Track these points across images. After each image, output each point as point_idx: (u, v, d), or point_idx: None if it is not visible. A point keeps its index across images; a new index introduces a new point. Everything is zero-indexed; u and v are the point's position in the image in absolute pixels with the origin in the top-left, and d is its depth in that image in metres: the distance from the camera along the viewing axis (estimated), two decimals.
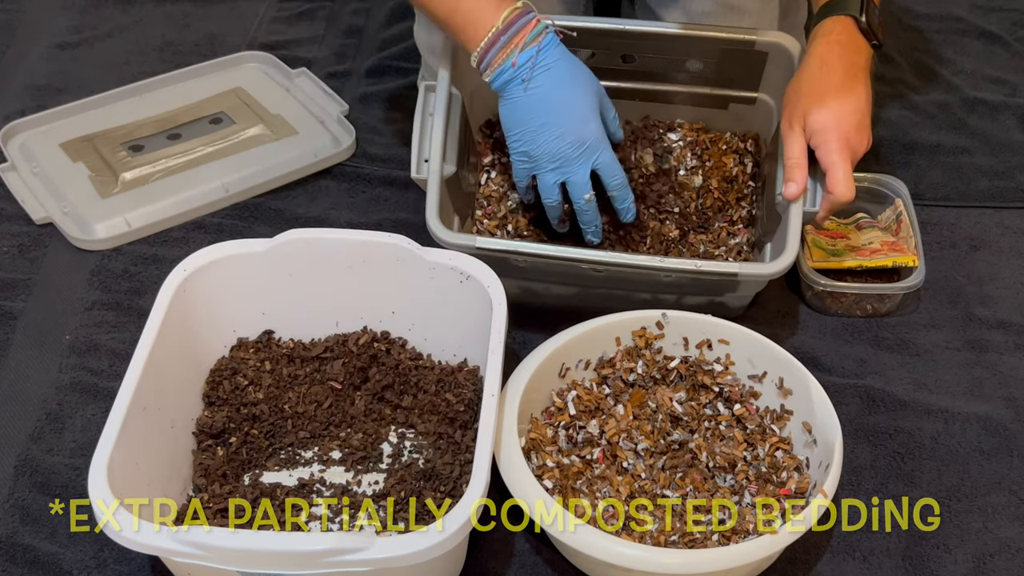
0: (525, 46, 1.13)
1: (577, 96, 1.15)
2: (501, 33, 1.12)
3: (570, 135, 1.14)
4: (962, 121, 1.61)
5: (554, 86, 1.14)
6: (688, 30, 1.31)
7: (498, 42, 1.13)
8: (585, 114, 1.15)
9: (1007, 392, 1.24)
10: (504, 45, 1.13)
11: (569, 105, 1.15)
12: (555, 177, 1.17)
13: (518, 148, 1.18)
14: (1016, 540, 1.10)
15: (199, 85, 1.63)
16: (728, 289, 1.22)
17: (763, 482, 1.09)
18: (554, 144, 1.15)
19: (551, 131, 1.14)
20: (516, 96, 1.15)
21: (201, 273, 1.13)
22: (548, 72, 1.14)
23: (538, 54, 1.13)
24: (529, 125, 1.15)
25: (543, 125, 1.14)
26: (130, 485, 0.97)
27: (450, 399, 1.16)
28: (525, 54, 1.13)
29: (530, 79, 1.13)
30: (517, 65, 1.13)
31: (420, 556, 0.90)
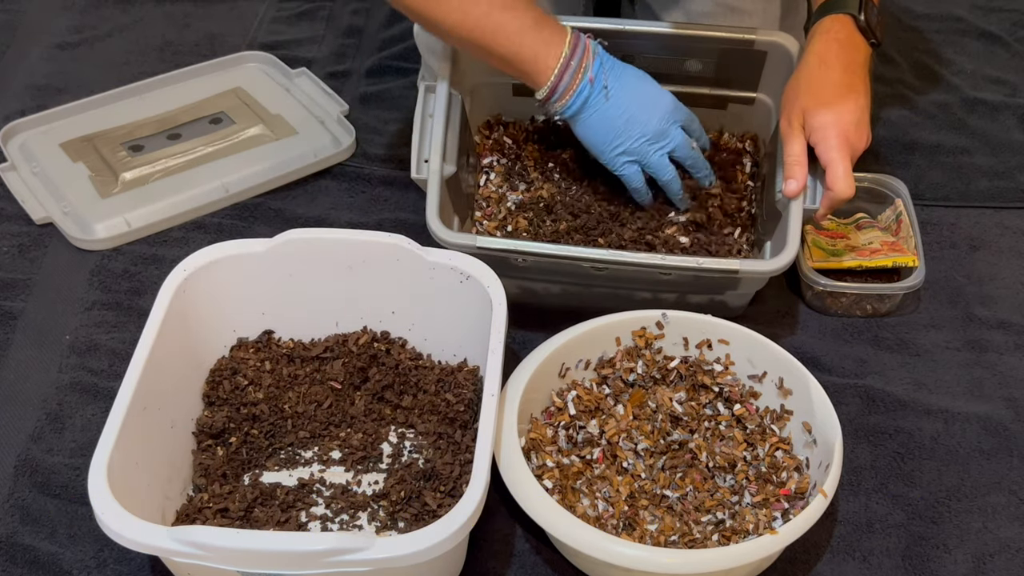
0: (594, 57, 1.18)
1: (640, 77, 1.22)
2: (570, 58, 1.16)
3: (656, 112, 1.20)
4: (962, 121, 1.61)
5: (623, 80, 1.20)
6: (688, 29, 1.32)
7: (569, 67, 1.16)
8: (654, 87, 1.22)
9: (1007, 392, 1.24)
10: (577, 67, 1.17)
11: (642, 88, 1.21)
12: (661, 152, 1.22)
13: (618, 153, 1.22)
14: (1016, 540, 1.10)
15: (199, 85, 1.63)
16: (729, 287, 1.22)
17: (763, 482, 1.09)
18: (648, 127, 1.20)
19: (640, 119, 1.20)
20: (599, 107, 1.19)
21: (201, 273, 1.13)
22: (614, 71, 1.20)
23: (602, 63, 1.19)
24: (618, 126, 1.20)
25: (631, 118, 1.19)
26: (130, 485, 0.97)
27: (450, 399, 1.16)
28: (596, 63, 1.18)
29: (608, 84, 1.18)
30: (594, 80, 1.18)
31: (420, 556, 0.90)
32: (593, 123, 1.20)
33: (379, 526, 1.07)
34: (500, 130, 1.42)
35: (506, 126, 1.42)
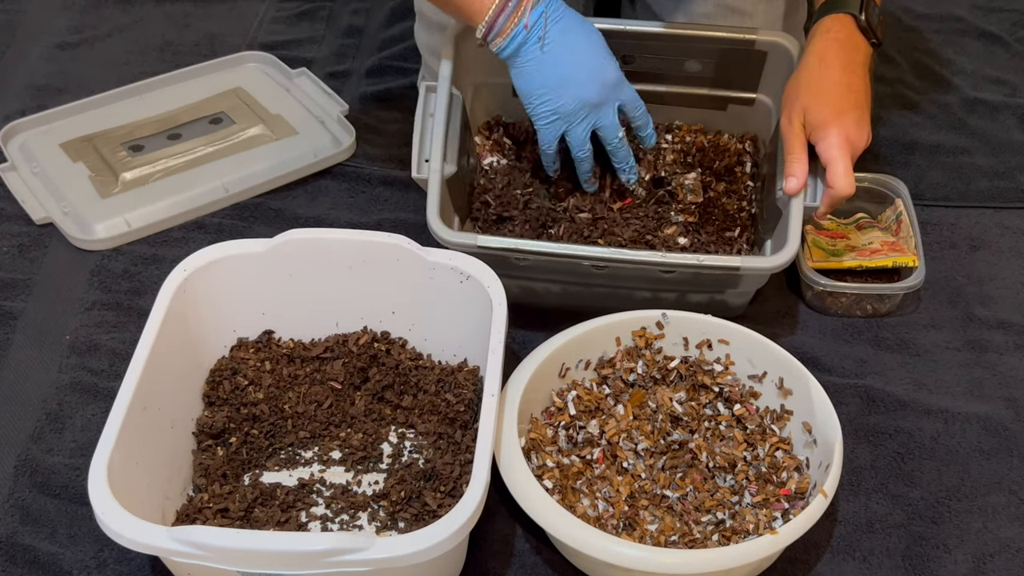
0: (534, 5, 1.14)
1: (592, 42, 1.17)
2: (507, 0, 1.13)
3: (594, 79, 1.16)
4: (962, 121, 1.61)
5: (568, 37, 1.16)
6: (688, 30, 1.32)
7: (506, 8, 1.13)
8: (602, 56, 1.18)
9: (1007, 392, 1.24)
10: (513, 10, 1.13)
11: (586, 52, 1.17)
12: (586, 127, 1.19)
13: (545, 109, 1.18)
14: (1016, 540, 1.10)
15: (199, 85, 1.63)
16: (729, 285, 1.22)
17: (763, 482, 1.09)
18: (581, 92, 1.16)
19: (576, 80, 1.16)
20: (533, 56, 1.15)
21: (201, 273, 1.13)
22: (559, 24, 1.15)
23: (548, 9, 1.14)
24: (551, 82, 1.16)
25: (567, 77, 1.16)
26: (130, 485, 0.97)
27: (450, 399, 1.16)
28: (536, 12, 1.13)
29: (545, 36, 1.14)
30: (530, 25, 1.13)
31: (420, 556, 0.90)
32: (526, 72, 1.17)
33: (379, 526, 1.07)
34: (500, 131, 1.42)
35: (506, 127, 1.42)
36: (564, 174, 1.35)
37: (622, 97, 1.20)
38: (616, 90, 1.19)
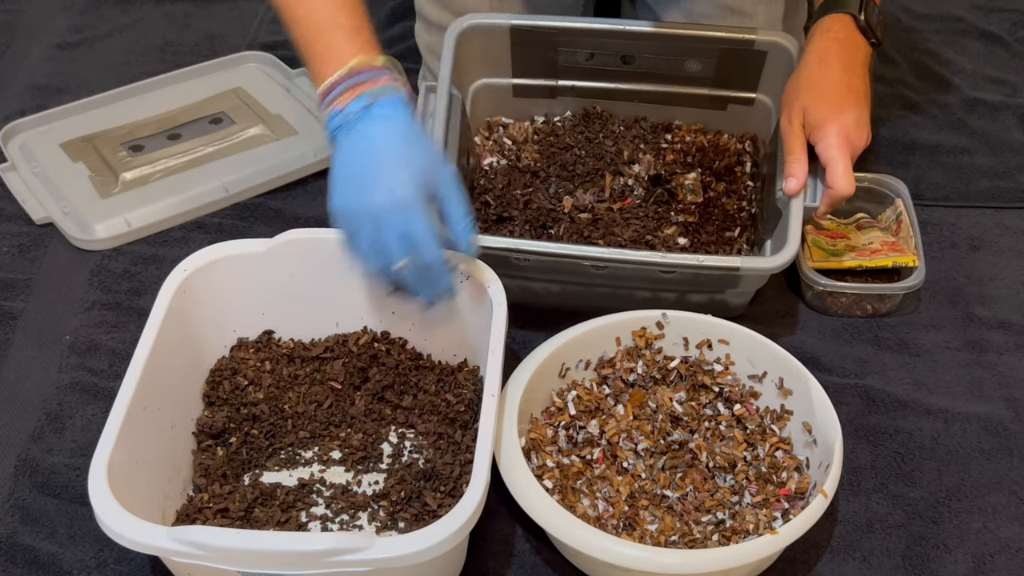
0: (359, 96, 1.04)
1: (398, 156, 1.03)
2: (344, 79, 1.04)
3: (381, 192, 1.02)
4: (962, 121, 1.61)
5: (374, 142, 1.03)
6: (688, 29, 1.32)
7: (339, 86, 1.04)
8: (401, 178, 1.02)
9: (1007, 392, 1.24)
10: (342, 92, 1.04)
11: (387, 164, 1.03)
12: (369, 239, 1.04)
13: (334, 203, 1.05)
14: (1016, 540, 1.10)
15: (199, 85, 1.63)
16: (729, 285, 1.22)
17: (763, 482, 1.09)
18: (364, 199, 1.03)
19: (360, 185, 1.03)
20: (342, 143, 1.04)
21: (201, 273, 1.13)
22: (373, 125, 1.03)
23: (372, 106, 1.03)
24: (347, 175, 1.04)
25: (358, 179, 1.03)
26: (130, 485, 0.97)
27: (450, 399, 1.16)
28: (356, 102, 1.03)
29: (351, 131, 1.03)
30: (344, 112, 1.04)
31: (420, 556, 0.90)
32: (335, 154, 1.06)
33: (379, 526, 1.07)
34: (500, 131, 1.42)
35: (506, 127, 1.42)
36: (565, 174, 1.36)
37: (410, 227, 1.02)
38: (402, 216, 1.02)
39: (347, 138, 1.04)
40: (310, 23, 1.06)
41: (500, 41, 1.35)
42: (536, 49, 1.36)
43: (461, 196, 1.06)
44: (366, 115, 1.03)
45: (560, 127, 1.42)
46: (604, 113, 1.42)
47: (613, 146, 1.39)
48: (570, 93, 1.42)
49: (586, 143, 1.39)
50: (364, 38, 1.07)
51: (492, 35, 1.34)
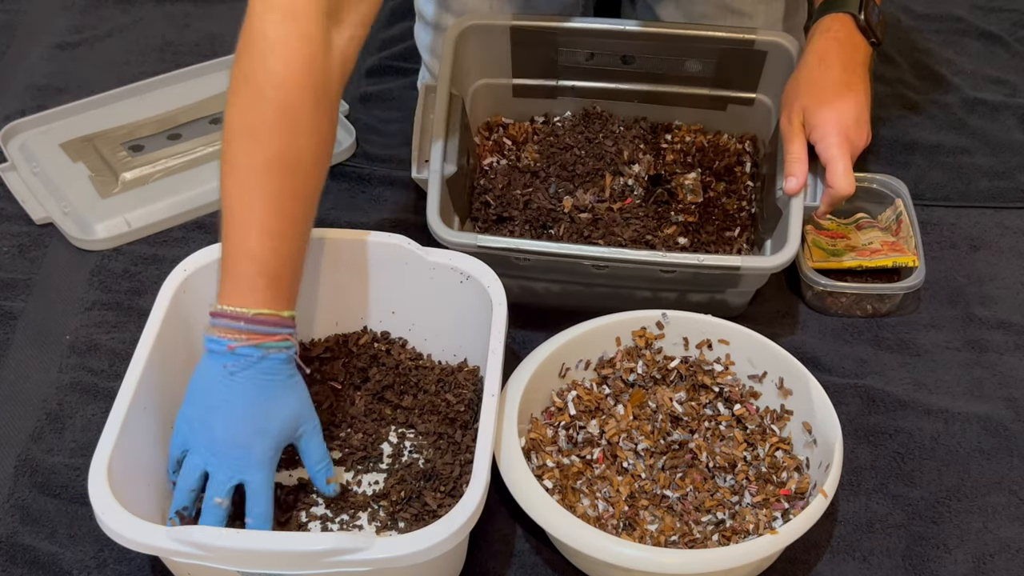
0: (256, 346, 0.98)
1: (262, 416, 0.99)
2: (248, 320, 0.98)
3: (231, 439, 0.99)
4: (962, 121, 1.61)
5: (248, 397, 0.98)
6: (687, 29, 1.32)
7: (239, 322, 0.97)
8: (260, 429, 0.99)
9: (1007, 392, 1.24)
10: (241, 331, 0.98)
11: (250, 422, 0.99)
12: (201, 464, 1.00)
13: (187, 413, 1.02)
14: (1016, 540, 1.10)
15: (199, 85, 1.63)
16: (730, 284, 1.22)
17: (763, 482, 1.09)
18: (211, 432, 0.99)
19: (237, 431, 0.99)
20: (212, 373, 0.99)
21: (201, 273, 1.13)
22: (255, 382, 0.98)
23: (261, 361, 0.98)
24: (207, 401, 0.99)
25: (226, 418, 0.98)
26: (130, 485, 0.97)
27: (450, 399, 1.16)
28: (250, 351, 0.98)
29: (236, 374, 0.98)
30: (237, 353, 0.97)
31: (420, 556, 0.90)
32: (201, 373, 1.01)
33: (379, 526, 1.07)
34: (500, 131, 1.42)
35: (506, 127, 1.42)
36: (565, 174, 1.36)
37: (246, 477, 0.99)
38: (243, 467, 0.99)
39: (230, 377, 0.97)
40: (241, 247, 0.99)
41: (500, 41, 1.35)
42: (536, 49, 1.36)
43: (319, 444, 1.05)
44: (254, 367, 0.98)
45: (560, 127, 1.42)
46: (604, 113, 1.42)
47: (613, 146, 1.39)
48: (570, 93, 1.42)
49: (586, 143, 1.39)
50: (283, 289, 1.00)
51: (492, 35, 1.34)
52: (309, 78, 0.98)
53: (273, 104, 0.97)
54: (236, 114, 0.99)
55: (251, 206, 0.99)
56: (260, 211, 0.98)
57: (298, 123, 0.98)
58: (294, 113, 0.98)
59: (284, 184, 0.99)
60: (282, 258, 1.00)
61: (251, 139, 0.98)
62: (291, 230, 1.00)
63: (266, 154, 0.98)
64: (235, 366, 0.97)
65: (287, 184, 0.99)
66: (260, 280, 0.98)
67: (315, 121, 1.00)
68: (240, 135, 0.99)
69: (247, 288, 0.98)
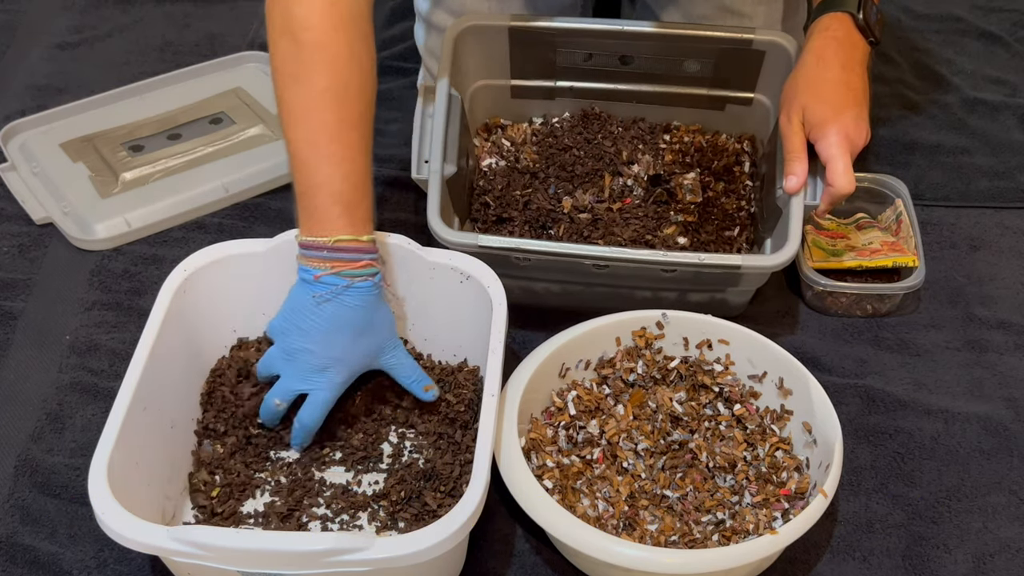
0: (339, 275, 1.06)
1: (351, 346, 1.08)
2: (329, 248, 1.05)
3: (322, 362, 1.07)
4: (962, 121, 1.61)
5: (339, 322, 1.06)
6: (686, 29, 1.32)
7: (322, 251, 1.05)
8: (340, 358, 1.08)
9: (1007, 392, 1.24)
10: (325, 260, 1.05)
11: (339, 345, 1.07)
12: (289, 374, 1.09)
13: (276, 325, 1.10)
14: (1016, 540, 1.10)
15: (199, 85, 1.63)
16: (730, 283, 1.22)
17: (763, 482, 1.09)
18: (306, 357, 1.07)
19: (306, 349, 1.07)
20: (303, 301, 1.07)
21: (202, 273, 1.13)
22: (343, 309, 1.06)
23: (347, 290, 1.06)
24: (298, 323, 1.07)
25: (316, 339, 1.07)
26: (130, 485, 0.97)
27: (450, 399, 1.16)
28: (335, 280, 1.06)
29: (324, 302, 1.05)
30: (323, 282, 1.05)
31: (420, 556, 0.90)
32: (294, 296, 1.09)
33: (379, 526, 1.07)
34: (499, 132, 1.42)
35: (505, 128, 1.42)
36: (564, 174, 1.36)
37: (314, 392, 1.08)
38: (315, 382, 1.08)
39: (318, 307, 1.06)
40: (312, 180, 1.05)
41: (499, 42, 1.35)
42: (535, 50, 1.36)
43: (407, 362, 1.13)
44: (339, 298, 1.06)
45: (559, 128, 1.42)
46: (603, 114, 1.42)
47: (612, 147, 1.39)
48: (568, 94, 1.42)
49: (585, 144, 1.39)
50: (358, 214, 1.07)
51: (491, 36, 1.34)
52: (336, 15, 1.06)
53: (308, 46, 1.05)
54: (279, 63, 1.07)
55: (311, 142, 1.05)
56: (321, 143, 1.05)
57: (335, 56, 1.06)
58: (328, 48, 1.05)
59: (337, 113, 1.06)
60: (351, 183, 1.06)
61: (297, 82, 1.06)
62: (353, 155, 1.06)
63: (313, 91, 1.05)
64: (322, 296, 1.05)
65: (340, 113, 1.06)
66: (334, 208, 1.05)
67: (350, 51, 1.07)
68: (287, 81, 1.07)
69: (323, 217, 1.05)
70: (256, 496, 1.10)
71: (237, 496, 1.09)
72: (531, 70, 1.39)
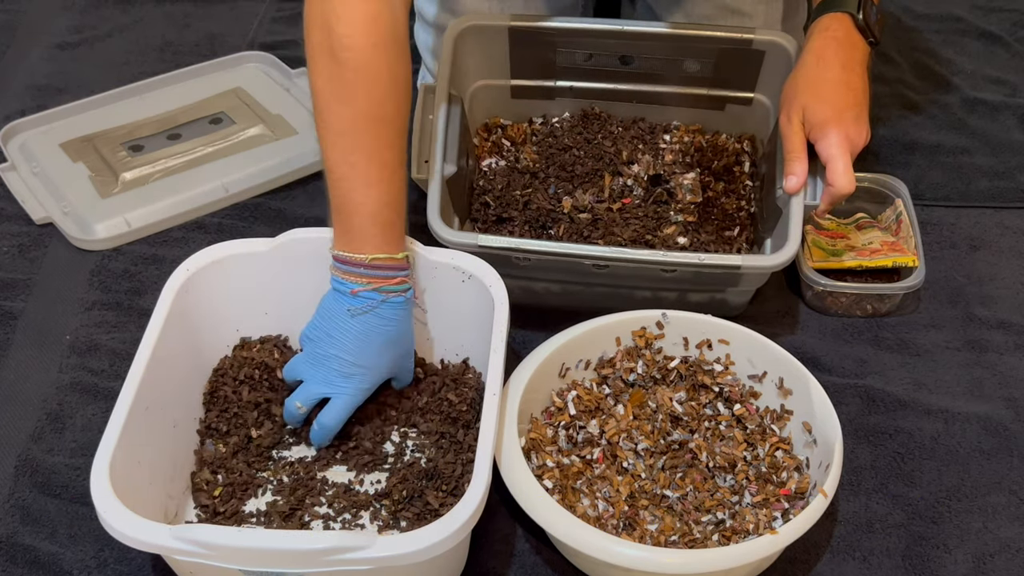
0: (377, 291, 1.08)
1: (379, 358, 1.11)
2: (366, 266, 1.08)
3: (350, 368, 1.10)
4: (962, 121, 1.61)
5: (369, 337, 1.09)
6: (686, 29, 1.32)
7: (359, 268, 1.08)
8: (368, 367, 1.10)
9: (1007, 392, 1.24)
10: (361, 276, 1.08)
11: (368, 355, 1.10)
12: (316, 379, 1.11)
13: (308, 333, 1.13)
14: (1016, 540, 1.10)
15: (199, 85, 1.63)
16: (730, 283, 1.22)
17: (763, 482, 1.09)
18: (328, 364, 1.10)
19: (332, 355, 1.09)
20: (339, 313, 1.09)
21: (204, 272, 1.13)
22: (376, 322, 1.09)
23: (382, 304, 1.09)
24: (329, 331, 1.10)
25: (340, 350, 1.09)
26: (132, 484, 0.97)
27: (452, 399, 1.16)
28: (372, 296, 1.08)
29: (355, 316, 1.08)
30: (356, 295, 1.08)
31: (422, 554, 0.90)
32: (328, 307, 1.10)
33: (381, 525, 1.07)
34: (499, 132, 1.42)
35: (505, 128, 1.42)
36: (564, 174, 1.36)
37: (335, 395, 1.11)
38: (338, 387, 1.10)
39: (352, 318, 1.08)
40: (349, 199, 1.08)
41: (499, 42, 1.35)
42: (535, 50, 1.36)
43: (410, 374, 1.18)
44: (374, 311, 1.09)
45: (559, 128, 1.42)
46: (603, 114, 1.42)
47: (612, 147, 1.39)
48: (568, 94, 1.42)
49: (585, 144, 1.39)
50: (394, 234, 1.10)
51: (491, 36, 1.34)
52: (376, 34, 1.06)
53: (349, 66, 1.05)
54: (319, 82, 1.07)
55: (350, 163, 1.07)
56: (360, 164, 1.07)
57: (376, 77, 1.07)
58: (370, 69, 1.06)
59: (376, 136, 1.08)
60: (388, 204, 1.08)
61: (338, 102, 1.07)
62: (391, 176, 1.09)
63: (354, 112, 1.06)
64: (357, 309, 1.08)
65: (379, 135, 1.08)
66: (372, 228, 1.08)
67: (390, 71, 1.08)
68: (328, 100, 1.07)
69: (361, 237, 1.08)
70: (258, 495, 1.10)
71: (239, 495, 1.09)
72: (531, 70, 1.39)
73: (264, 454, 1.13)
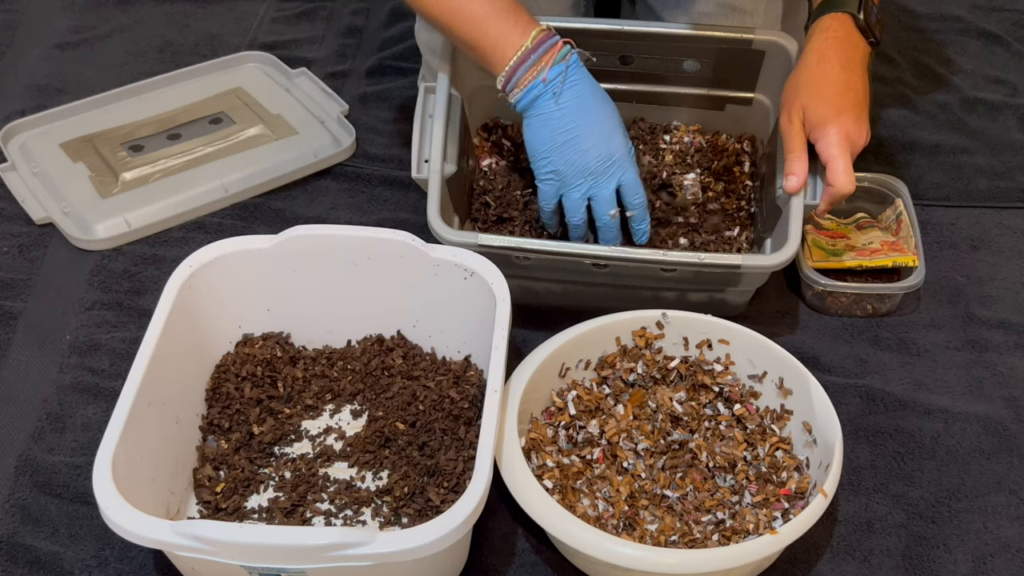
0: (555, 63, 1.14)
1: (604, 112, 1.17)
2: (531, 52, 1.14)
3: (598, 148, 1.16)
4: (962, 121, 1.61)
5: (583, 101, 1.15)
6: (686, 29, 1.32)
7: (527, 60, 1.14)
8: (612, 128, 1.17)
9: (1007, 392, 1.24)
10: (534, 64, 1.14)
11: (597, 120, 1.16)
12: (582, 193, 1.18)
13: (546, 168, 1.18)
14: (1016, 540, 1.11)
15: (199, 85, 1.63)
16: (730, 283, 1.22)
17: (763, 482, 1.09)
18: (582, 158, 1.16)
19: (579, 144, 1.16)
20: (546, 111, 1.15)
21: (206, 269, 1.13)
22: (576, 87, 1.15)
23: (567, 70, 1.15)
24: (558, 140, 1.16)
25: (572, 139, 1.15)
26: (134, 480, 0.97)
27: (454, 396, 1.16)
28: (555, 69, 1.14)
29: (560, 93, 1.14)
30: (548, 80, 1.14)
31: (423, 551, 0.90)
32: (535, 126, 1.18)
33: (382, 521, 1.08)
34: (499, 132, 1.42)
35: (505, 128, 1.42)
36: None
37: (622, 177, 1.18)
38: (618, 166, 1.17)
39: (556, 104, 1.15)
40: (473, 18, 1.14)
41: None
42: None
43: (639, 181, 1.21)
44: (567, 80, 1.15)
45: None
46: None
47: None
48: None
49: None
50: (524, 15, 1.15)
51: None
52: None
53: None
54: None
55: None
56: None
57: None
58: None
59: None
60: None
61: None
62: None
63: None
64: (556, 87, 1.14)
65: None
66: (508, 20, 1.14)
67: None
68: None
69: (510, 33, 1.14)
70: (260, 492, 1.10)
71: (241, 491, 1.09)
72: None
73: (266, 450, 1.14)
